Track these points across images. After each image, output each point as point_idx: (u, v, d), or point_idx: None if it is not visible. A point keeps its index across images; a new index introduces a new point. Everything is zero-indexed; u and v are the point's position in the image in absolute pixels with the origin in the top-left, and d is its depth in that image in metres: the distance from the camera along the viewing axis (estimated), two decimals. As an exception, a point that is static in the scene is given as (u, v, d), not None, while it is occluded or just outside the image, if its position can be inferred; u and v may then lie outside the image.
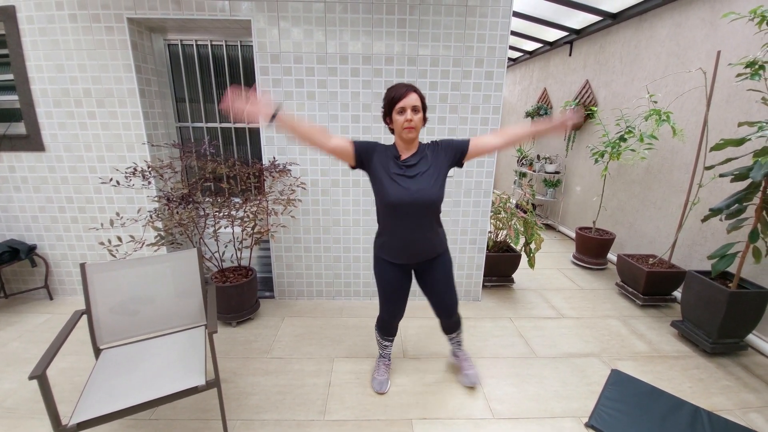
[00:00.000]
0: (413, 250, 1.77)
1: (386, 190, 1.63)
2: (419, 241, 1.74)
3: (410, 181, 1.63)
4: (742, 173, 2.14)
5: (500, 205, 3.24)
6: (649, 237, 3.52)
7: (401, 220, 1.68)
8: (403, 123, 1.59)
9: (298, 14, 2.49)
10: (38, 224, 2.87)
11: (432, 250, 1.80)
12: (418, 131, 1.64)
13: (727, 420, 1.86)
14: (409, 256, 1.79)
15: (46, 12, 2.47)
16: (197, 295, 1.95)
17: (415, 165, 1.66)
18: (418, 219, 1.68)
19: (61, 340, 1.51)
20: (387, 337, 2.07)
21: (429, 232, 1.74)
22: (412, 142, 1.67)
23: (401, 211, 1.65)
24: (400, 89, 1.60)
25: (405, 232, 1.71)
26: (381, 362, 2.15)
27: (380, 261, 1.85)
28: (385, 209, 1.70)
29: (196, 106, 2.94)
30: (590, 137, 4.36)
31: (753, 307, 2.31)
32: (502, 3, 2.50)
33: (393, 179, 1.63)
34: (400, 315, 1.96)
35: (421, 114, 1.63)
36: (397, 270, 1.83)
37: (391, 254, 1.80)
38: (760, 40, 2.34)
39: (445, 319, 2.01)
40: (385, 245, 1.80)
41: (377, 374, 2.12)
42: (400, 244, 1.75)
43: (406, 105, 1.58)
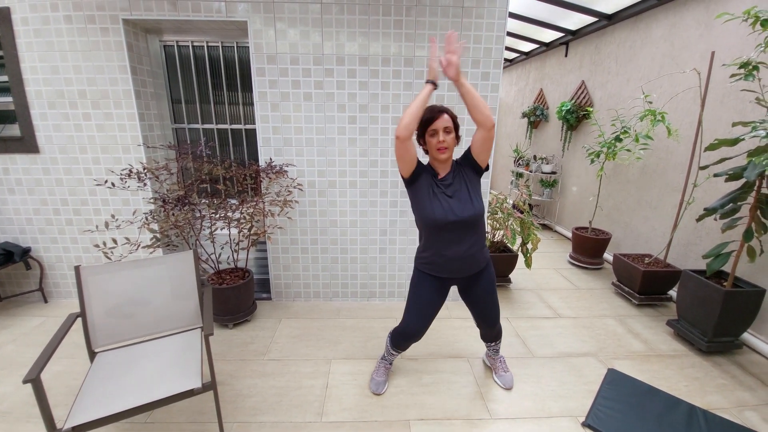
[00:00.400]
0: (458, 266, 1.77)
1: (429, 209, 1.66)
2: (464, 258, 1.75)
3: (450, 200, 1.66)
4: (737, 173, 2.16)
5: (497, 206, 3.24)
6: (644, 236, 3.53)
7: (445, 237, 1.70)
8: (436, 144, 1.64)
9: (295, 15, 2.49)
10: (33, 227, 2.85)
11: (475, 266, 1.80)
12: (450, 152, 1.68)
13: (722, 418, 1.87)
14: (453, 271, 1.79)
15: (40, 13, 2.46)
16: (193, 298, 1.94)
17: (452, 183, 1.70)
18: (462, 235, 1.70)
19: (56, 343, 1.50)
20: (397, 349, 2.06)
21: (473, 249, 1.74)
22: (446, 162, 1.71)
23: (442, 229, 1.67)
24: (432, 112, 1.64)
25: (448, 250, 1.72)
26: (382, 364, 2.14)
27: (421, 274, 1.86)
28: (429, 227, 1.72)
29: (192, 108, 2.93)
30: (586, 137, 4.38)
31: (748, 306, 2.33)
32: (498, 4, 2.51)
33: (435, 198, 1.67)
34: (420, 334, 1.93)
35: (453, 134, 1.66)
36: (437, 284, 1.84)
37: (433, 270, 1.81)
38: (753, 41, 2.36)
39: (487, 330, 2.03)
40: (428, 261, 1.81)
41: (376, 375, 2.12)
42: (443, 260, 1.76)
43: (437, 127, 1.62)
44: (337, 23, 2.50)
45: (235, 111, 2.94)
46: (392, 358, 2.12)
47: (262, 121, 2.67)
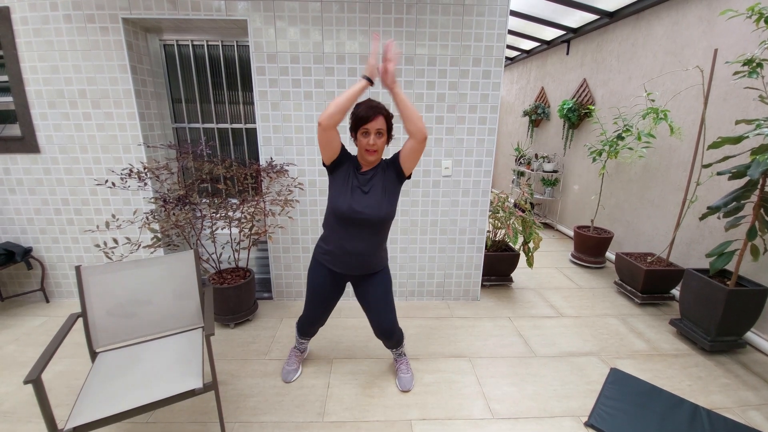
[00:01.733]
0: (353, 262, 1.79)
1: (340, 200, 1.67)
2: (360, 255, 1.77)
3: (364, 196, 1.67)
4: (740, 171, 2.14)
5: (498, 205, 3.23)
6: (647, 235, 3.52)
7: (347, 232, 1.72)
8: (365, 145, 1.64)
9: (295, 14, 2.48)
10: (34, 227, 2.85)
11: (371, 266, 1.83)
12: (379, 154, 1.70)
13: (726, 418, 1.86)
14: (348, 267, 1.81)
15: (40, 13, 2.45)
16: (194, 297, 1.94)
17: (371, 179, 1.70)
18: (364, 233, 1.72)
19: (57, 343, 1.50)
20: (304, 336, 2.13)
21: (372, 247, 1.77)
22: (373, 163, 1.72)
23: (349, 223, 1.69)
24: (367, 111, 1.62)
25: (348, 244, 1.74)
26: (293, 353, 2.19)
27: (317, 264, 1.88)
28: (334, 218, 1.73)
29: (192, 107, 2.93)
30: (588, 136, 4.36)
31: (751, 305, 2.31)
32: (499, 2, 2.50)
33: (350, 191, 1.67)
34: (322, 322, 2.03)
35: (385, 137, 1.67)
36: (332, 277, 1.86)
37: (331, 261, 1.82)
38: (757, 38, 2.34)
39: (385, 340, 2.04)
40: (326, 251, 1.82)
41: (287, 364, 2.16)
42: (341, 253, 1.77)
43: (370, 129, 1.62)
44: (337, 21, 2.49)
45: (236, 110, 2.93)
46: (302, 345, 2.19)
47: (263, 120, 2.66)
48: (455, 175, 2.81)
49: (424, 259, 2.99)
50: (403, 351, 2.17)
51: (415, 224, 2.90)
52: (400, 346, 2.13)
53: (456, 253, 2.98)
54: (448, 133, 2.72)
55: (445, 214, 2.89)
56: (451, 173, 2.80)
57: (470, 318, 2.83)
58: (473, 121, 2.71)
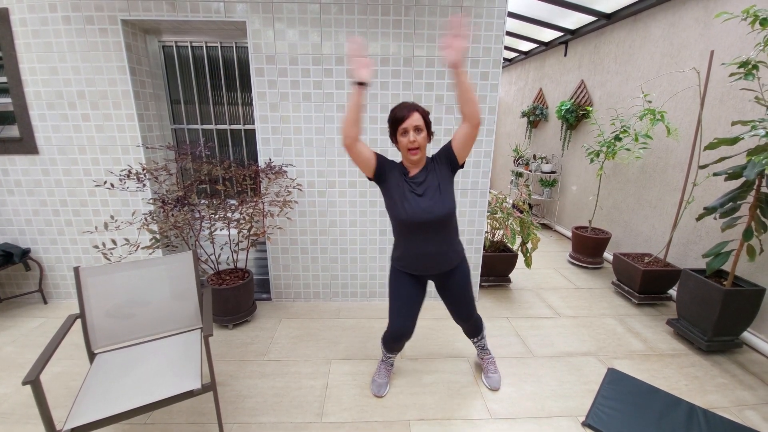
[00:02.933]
0: (429, 264, 1.78)
1: (398, 208, 1.66)
2: (435, 256, 1.75)
3: (420, 199, 1.65)
4: (736, 172, 2.16)
5: (497, 205, 3.24)
6: (644, 236, 3.53)
7: (415, 236, 1.71)
8: (407, 144, 1.62)
9: (294, 15, 2.48)
10: (32, 228, 2.85)
11: (448, 263, 1.80)
12: (423, 150, 1.66)
13: (722, 417, 1.87)
14: (424, 269, 1.80)
15: (39, 14, 2.46)
16: (193, 298, 1.94)
17: (423, 182, 1.68)
18: (432, 234, 1.70)
19: (55, 344, 1.50)
20: (391, 352, 2.07)
21: (444, 246, 1.75)
22: (419, 161, 1.69)
23: (415, 227, 1.67)
24: (401, 111, 1.61)
25: (420, 247, 1.73)
26: (383, 366, 2.13)
27: (396, 271, 1.87)
28: (399, 226, 1.73)
29: (191, 108, 2.93)
30: (586, 137, 4.38)
31: (748, 305, 2.32)
32: (497, 3, 2.51)
33: (404, 197, 1.66)
34: (410, 332, 1.91)
35: (425, 132, 1.64)
36: (412, 280, 1.85)
37: (407, 266, 1.82)
38: (752, 40, 2.36)
39: (462, 324, 2.04)
40: (401, 258, 1.82)
41: (377, 376, 2.11)
42: (414, 258, 1.77)
43: (408, 126, 1.60)
44: (336, 23, 2.50)
45: (234, 111, 2.94)
46: (391, 360, 2.13)
47: (262, 122, 2.66)
48: (453, 176, 2.81)
49: (422, 260, 2.99)
50: (485, 344, 2.16)
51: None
52: (480, 335, 2.12)
53: (454, 254, 2.98)
54: (446, 134, 2.73)
55: (443, 215, 2.89)
56: (450, 174, 2.80)
57: (468, 318, 2.83)
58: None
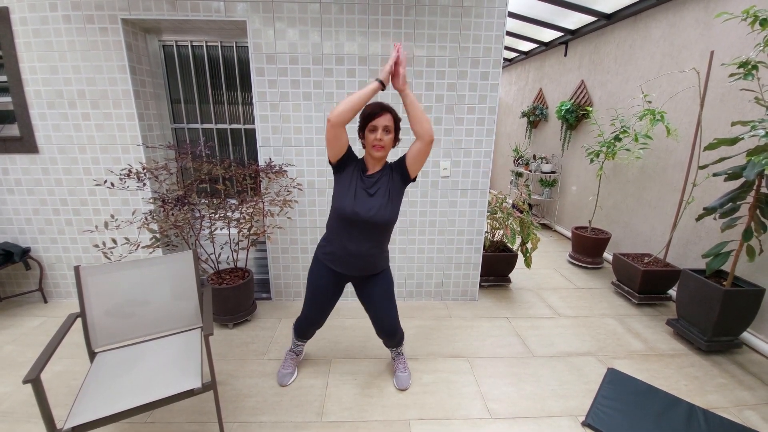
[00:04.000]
0: (355, 264, 1.80)
1: (344, 201, 1.68)
2: (362, 256, 1.78)
3: (369, 198, 1.68)
4: (736, 172, 2.16)
5: (497, 205, 3.25)
6: (644, 236, 3.54)
7: (350, 233, 1.73)
8: (373, 141, 1.65)
9: (294, 15, 2.48)
10: (32, 227, 2.85)
11: (373, 267, 1.85)
12: (386, 151, 1.70)
13: (722, 418, 1.87)
14: (349, 268, 1.82)
15: (39, 13, 2.46)
16: (193, 298, 1.94)
17: (377, 182, 1.71)
18: (367, 235, 1.73)
19: (55, 343, 1.50)
20: (301, 339, 2.12)
21: (374, 249, 1.79)
22: (379, 160, 1.74)
23: (352, 224, 1.70)
24: (376, 108, 1.65)
25: (351, 245, 1.75)
26: (289, 356, 2.18)
27: (319, 264, 1.89)
28: (339, 219, 1.74)
29: (191, 107, 2.93)
30: (586, 137, 4.38)
31: (747, 305, 2.33)
32: (498, 3, 2.51)
33: (354, 192, 1.68)
34: (320, 324, 2.03)
35: (393, 135, 1.68)
36: (333, 277, 1.87)
37: (332, 261, 1.83)
38: (752, 40, 2.36)
39: (387, 339, 2.05)
40: (328, 252, 1.84)
41: (283, 367, 2.16)
42: (343, 254, 1.79)
43: (378, 124, 1.64)
44: (336, 23, 2.50)
45: (235, 111, 2.94)
46: (299, 348, 2.18)
47: (262, 121, 2.66)
48: (453, 175, 2.82)
49: (422, 260, 3.00)
50: (401, 350, 2.19)
51: (414, 225, 2.91)
52: (400, 345, 2.14)
53: (454, 254, 2.99)
54: (446, 134, 2.73)
55: (443, 215, 2.90)
56: (450, 174, 2.81)
57: (468, 318, 2.83)
58: (471, 122, 2.72)
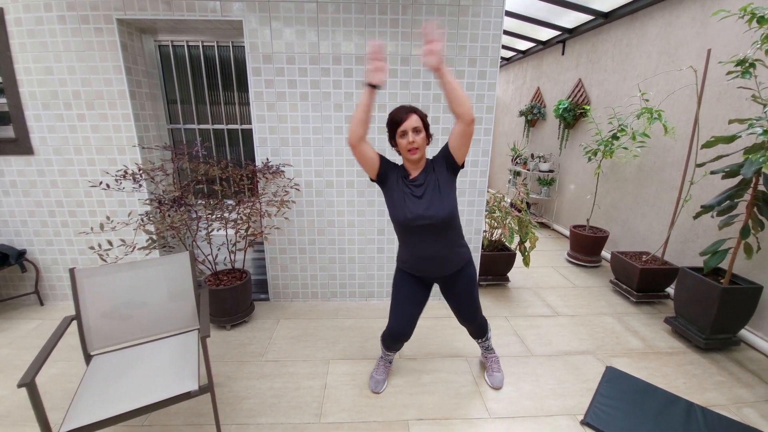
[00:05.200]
0: (430, 266, 1.78)
1: (397, 210, 1.67)
2: (435, 258, 1.75)
3: (419, 201, 1.65)
4: (733, 170, 2.16)
5: (495, 204, 3.24)
6: (642, 234, 3.54)
7: (415, 238, 1.71)
8: (406, 146, 1.62)
9: (290, 14, 2.47)
10: (28, 229, 2.83)
11: (451, 265, 1.80)
12: (422, 151, 1.66)
13: (720, 415, 1.88)
14: (426, 271, 1.81)
15: (34, 14, 2.44)
16: (190, 299, 1.93)
17: (423, 184, 1.68)
18: (432, 236, 1.69)
19: (50, 347, 1.49)
20: (389, 351, 2.08)
21: (445, 249, 1.74)
22: (417, 162, 1.69)
23: (414, 230, 1.68)
24: (399, 113, 1.62)
25: (420, 249, 1.73)
26: (382, 362, 2.15)
27: (400, 272, 1.89)
28: (399, 228, 1.73)
29: (187, 108, 2.92)
30: (583, 136, 4.38)
31: (745, 303, 2.33)
32: (495, 2, 2.51)
33: (403, 199, 1.66)
34: (407, 333, 1.92)
35: (424, 133, 1.65)
36: (415, 282, 1.86)
37: (411, 268, 1.83)
38: (749, 38, 2.36)
39: (466, 326, 2.05)
40: (404, 260, 1.84)
41: (375, 373, 2.12)
42: (416, 260, 1.78)
43: (407, 128, 1.61)
44: (333, 22, 2.49)
45: (231, 111, 2.92)
46: (389, 357, 2.14)
47: (259, 121, 2.65)
48: (451, 175, 2.81)
49: (420, 260, 2.99)
50: (490, 345, 2.17)
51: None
52: (485, 336, 2.12)
53: (453, 253, 2.98)
54: (444, 134, 2.72)
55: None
56: (448, 173, 2.80)
57: (467, 318, 2.83)
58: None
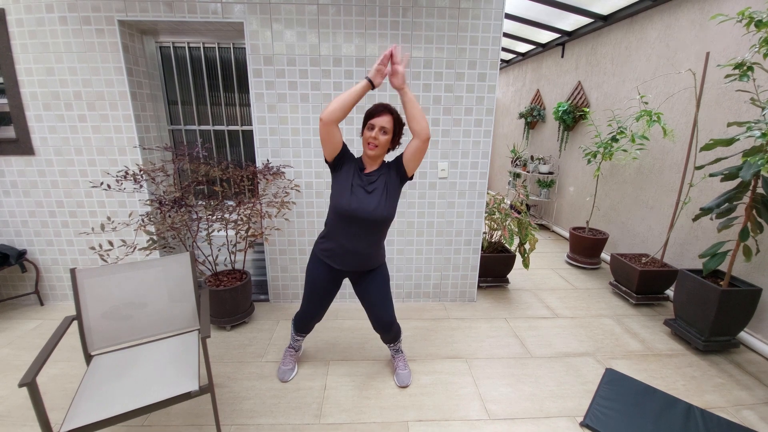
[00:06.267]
0: (352, 260, 1.83)
1: (344, 198, 1.71)
2: (360, 253, 1.81)
3: (367, 196, 1.71)
4: (732, 173, 2.17)
5: (494, 206, 3.25)
6: (641, 236, 3.55)
7: (347, 230, 1.76)
8: (368, 138, 1.69)
9: (291, 16, 2.48)
10: (28, 229, 2.83)
11: (369, 263, 1.88)
12: (380, 150, 1.72)
13: (720, 417, 1.88)
14: (346, 264, 1.85)
15: (35, 15, 2.45)
16: (190, 300, 1.93)
17: (375, 181, 1.74)
18: (365, 232, 1.75)
19: (51, 347, 1.49)
20: (301, 333, 2.15)
21: (372, 247, 1.82)
22: (375, 159, 1.76)
23: (350, 221, 1.72)
24: (377, 108, 1.69)
25: (348, 242, 1.78)
26: (288, 352, 2.22)
27: (316, 260, 1.92)
28: (337, 217, 1.76)
29: (188, 109, 2.92)
30: (583, 138, 4.39)
31: (744, 305, 2.34)
32: (495, 5, 2.52)
33: (352, 190, 1.71)
34: (319, 317, 2.07)
35: (390, 136, 1.70)
36: (330, 273, 1.90)
37: (330, 258, 1.86)
38: (748, 42, 2.38)
39: (383, 334, 2.07)
40: (326, 248, 1.86)
41: (283, 363, 2.19)
42: (341, 251, 1.82)
43: (375, 123, 1.67)
44: (333, 24, 2.50)
45: (232, 112, 2.93)
46: (298, 344, 2.21)
47: (259, 123, 2.66)
48: (451, 177, 2.82)
49: (420, 261, 3.00)
50: (400, 347, 2.19)
51: (412, 226, 2.91)
52: (398, 341, 2.15)
53: (452, 255, 2.99)
54: (444, 135, 2.73)
55: (441, 216, 2.90)
56: (448, 175, 2.81)
57: (467, 319, 2.83)
58: (469, 124, 2.73)
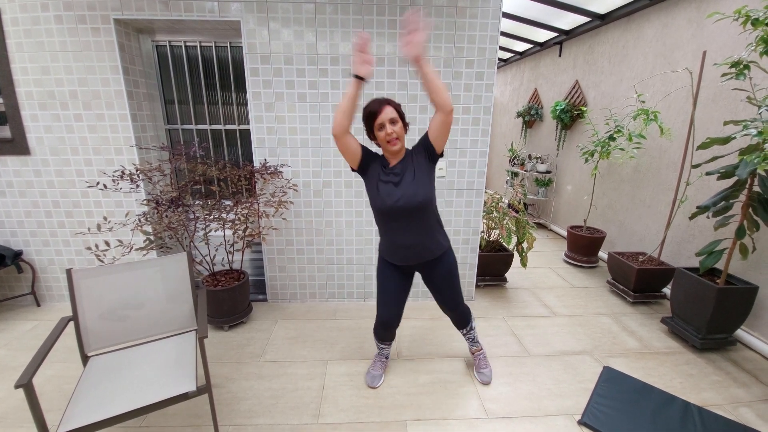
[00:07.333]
0: (408, 254, 1.81)
1: (375, 197, 1.71)
2: (413, 246, 1.78)
3: (395, 188, 1.68)
4: (729, 171, 2.18)
5: (492, 205, 3.25)
6: (638, 235, 3.56)
7: (393, 225, 1.75)
8: (385, 137, 1.65)
9: (288, 15, 2.47)
10: (24, 229, 2.82)
11: (428, 253, 1.82)
12: (402, 141, 1.69)
13: (717, 415, 1.89)
14: (404, 259, 1.83)
15: (31, 13, 2.43)
16: (188, 300, 1.93)
17: (400, 172, 1.71)
18: (408, 223, 1.72)
19: (47, 347, 1.48)
20: (384, 341, 2.11)
21: (422, 237, 1.77)
22: (399, 152, 1.72)
23: (390, 216, 1.71)
24: (374, 106, 1.64)
25: (397, 236, 1.77)
26: (378, 358, 2.18)
27: (382, 261, 1.93)
28: (377, 215, 1.77)
29: (185, 108, 2.91)
30: (580, 137, 4.40)
31: (741, 303, 2.35)
32: (492, 4, 2.52)
33: (380, 187, 1.70)
34: (396, 319, 1.96)
35: (400, 123, 1.67)
36: (396, 271, 1.89)
37: (390, 256, 1.87)
38: (744, 40, 2.38)
39: (449, 314, 2.07)
40: (384, 249, 1.88)
41: (372, 369, 2.15)
42: (393, 247, 1.81)
43: (383, 120, 1.63)
44: (331, 23, 2.50)
45: (229, 111, 2.92)
46: (385, 352, 2.17)
47: (257, 122, 2.65)
48: (449, 176, 2.82)
49: (418, 260, 2.99)
50: (474, 336, 2.18)
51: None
52: (468, 325, 2.13)
53: (450, 254, 2.98)
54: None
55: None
56: (445, 174, 2.81)
57: (465, 318, 2.83)
58: (467, 123, 2.72)
